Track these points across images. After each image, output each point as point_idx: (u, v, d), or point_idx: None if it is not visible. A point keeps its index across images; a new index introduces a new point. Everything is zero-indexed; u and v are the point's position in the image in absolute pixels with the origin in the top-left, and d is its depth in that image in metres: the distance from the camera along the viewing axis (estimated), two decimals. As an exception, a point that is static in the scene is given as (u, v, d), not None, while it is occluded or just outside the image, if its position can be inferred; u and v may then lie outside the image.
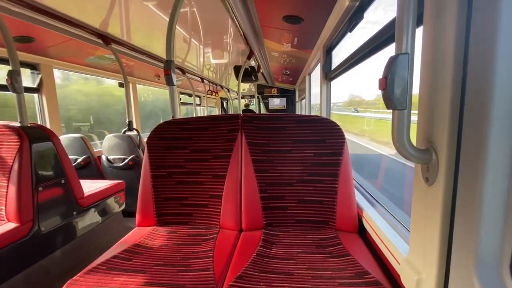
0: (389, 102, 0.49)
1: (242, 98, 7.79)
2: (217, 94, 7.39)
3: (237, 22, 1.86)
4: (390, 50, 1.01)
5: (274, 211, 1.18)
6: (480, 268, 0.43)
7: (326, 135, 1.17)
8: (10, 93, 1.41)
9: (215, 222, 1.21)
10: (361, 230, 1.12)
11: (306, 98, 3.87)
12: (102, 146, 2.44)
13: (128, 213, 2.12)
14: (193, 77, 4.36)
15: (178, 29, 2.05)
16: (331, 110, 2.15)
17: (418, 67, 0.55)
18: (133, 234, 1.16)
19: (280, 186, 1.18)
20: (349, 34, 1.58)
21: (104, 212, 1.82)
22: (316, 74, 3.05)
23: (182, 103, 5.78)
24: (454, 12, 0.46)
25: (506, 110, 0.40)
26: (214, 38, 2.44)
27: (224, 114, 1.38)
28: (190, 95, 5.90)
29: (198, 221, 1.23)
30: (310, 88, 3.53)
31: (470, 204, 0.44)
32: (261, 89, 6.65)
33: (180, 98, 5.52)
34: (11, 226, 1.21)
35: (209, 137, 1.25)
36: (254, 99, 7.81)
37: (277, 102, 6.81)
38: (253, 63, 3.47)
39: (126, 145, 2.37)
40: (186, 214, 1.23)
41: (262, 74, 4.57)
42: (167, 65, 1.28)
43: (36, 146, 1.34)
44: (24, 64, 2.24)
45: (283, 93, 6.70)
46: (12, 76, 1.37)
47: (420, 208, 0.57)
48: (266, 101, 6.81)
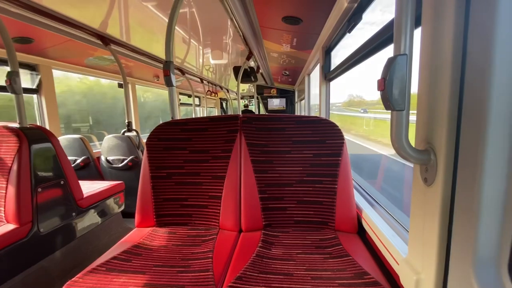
0: (387, 103, 0.49)
1: (241, 98, 7.80)
2: (216, 95, 7.40)
3: (236, 23, 1.86)
4: (389, 51, 1.01)
5: (273, 212, 1.18)
6: (478, 268, 0.43)
7: (325, 136, 1.17)
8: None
9: (215, 223, 1.21)
10: (360, 230, 1.12)
11: (306, 99, 3.88)
12: (102, 147, 2.44)
13: (127, 214, 2.12)
14: (192, 77, 4.36)
15: (178, 29, 2.05)
16: (333, 110, 2.15)
17: (417, 68, 0.55)
18: (132, 235, 1.16)
19: (279, 186, 1.18)
20: (347, 35, 1.59)
21: (103, 213, 1.82)
22: (315, 75, 3.06)
23: (181, 104, 5.78)
24: (452, 13, 0.46)
25: (504, 111, 0.40)
26: (213, 39, 2.44)
27: (223, 115, 1.39)
28: (190, 96, 5.90)
29: (197, 222, 1.23)
30: (309, 88, 3.53)
31: (468, 204, 0.44)
32: (260, 89, 6.65)
33: (179, 99, 5.52)
34: (10, 227, 1.21)
35: (208, 138, 1.25)
36: (253, 100, 7.82)
37: (276, 103, 6.81)
38: (252, 64, 3.48)
39: (125, 146, 2.37)
40: (185, 215, 1.23)
41: (262, 74, 4.57)
42: (166, 65, 1.28)
43: (35, 147, 1.33)
44: (23, 65, 2.24)
45: (283, 93, 6.71)
46: (11, 77, 1.37)
47: (419, 208, 0.58)
48: (266, 101, 6.81)
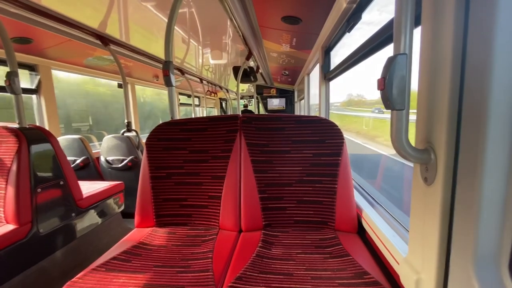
0: (387, 102, 0.49)
1: (241, 98, 7.80)
2: (216, 95, 7.39)
3: (235, 23, 1.86)
4: (389, 50, 1.01)
5: (273, 212, 1.17)
6: (479, 267, 0.43)
7: (325, 136, 1.17)
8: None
9: (214, 223, 1.21)
10: (360, 230, 1.12)
11: (305, 98, 3.88)
12: (101, 147, 2.43)
13: (127, 214, 2.11)
14: (192, 77, 4.36)
15: (177, 29, 2.05)
16: (336, 110, 2.15)
17: (416, 68, 0.55)
18: (132, 235, 1.16)
19: (279, 186, 1.18)
20: (346, 35, 1.59)
21: (103, 213, 1.81)
22: (315, 75, 3.06)
23: (181, 104, 5.77)
24: (452, 12, 0.46)
25: (504, 110, 0.40)
26: (213, 39, 2.44)
27: (223, 114, 1.38)
28: (189, 96, 5.89)
29: (197, 222, 1.22)
30: (309, 88, 3.53)
31: (468, 204, 0.44)
32: (260, 89, 6.65)
33: (179, 99, 5.52)
34: (10, 227, 1.20)
35: (208, 138, 1.25)
36: (253, 100, 7.82)
37: (276, 103, 6.81)
38: (252, 64, 3.48)
39: (125, 146, 2.37)
40: (185, 215, 1.23)
41: (261, 74, 4.57)
42: (166, 66, 1.28)
43: (34, 147, 1.33)
44: (22, 65, 2.24)
45: (282, 93, 6.71)
46: (10, 77, 1.36)
47: (419, 208, 0.58)
48: (265, 101, 6.82)
